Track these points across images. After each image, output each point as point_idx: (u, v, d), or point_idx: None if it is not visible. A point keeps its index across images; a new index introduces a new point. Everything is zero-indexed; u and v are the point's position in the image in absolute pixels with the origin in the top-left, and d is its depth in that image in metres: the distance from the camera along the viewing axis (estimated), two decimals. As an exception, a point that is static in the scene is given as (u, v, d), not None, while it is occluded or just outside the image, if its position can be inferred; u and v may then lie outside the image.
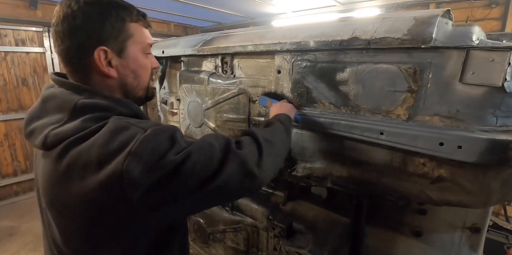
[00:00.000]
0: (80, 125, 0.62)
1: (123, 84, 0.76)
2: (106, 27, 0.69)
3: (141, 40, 0.77)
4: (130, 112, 0.71)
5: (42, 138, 0.64)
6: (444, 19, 0.81)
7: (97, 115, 0.65)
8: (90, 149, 0.59)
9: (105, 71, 0.71)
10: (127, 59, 0.75)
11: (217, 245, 1.75)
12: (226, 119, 1.39)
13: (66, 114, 0.65)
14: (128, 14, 0.73)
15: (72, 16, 0.67)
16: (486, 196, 0.82)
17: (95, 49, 0.68)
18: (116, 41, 0.71)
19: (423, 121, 0.83)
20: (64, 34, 0.68)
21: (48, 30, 3.97)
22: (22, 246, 2.99)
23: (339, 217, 1.33)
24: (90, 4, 0.68)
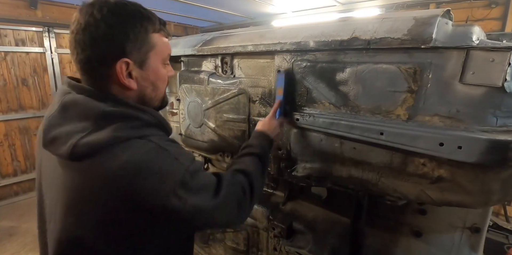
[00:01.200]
0: (112, 136, 0.62)
1: (141, 95, 0.75)
2: (129, 38, 0.67)
3: (162, 51, 0.75)
4: (155, 121, 0.72)
5: (70, 147, 0.61)
6: (444, 19, 0.81)
7: (125, 124, 0.65)
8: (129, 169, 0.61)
9: (125, 83, 0.69)
10: (148, 71, 0.73)
11: (217, 245, 1.75)
12: (226, 120, 1.39)
13: (91, 123, 0.64)
14: (151, 24, 0.71)
15: (94, 25, 0.64)
16: (486, 196, 0.82)
17: (117, 61, 0.67)
18: (138, 52, 0.70)
19: (423, 122, 0.83)
20: (85, 43, 0.65)
21: (48, 30, 3.97)
22: (22, 246, 2.99)
23: (339, 217, 1.33)
24: (114, 13, 0.65)
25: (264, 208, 1.47)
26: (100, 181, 0.61)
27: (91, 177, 0.61)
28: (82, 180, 0.62)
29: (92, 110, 0.65)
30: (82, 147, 0.61)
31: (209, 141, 1.51)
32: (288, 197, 1.49)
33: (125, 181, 0.60)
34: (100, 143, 0.61)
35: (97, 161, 0.61)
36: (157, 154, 0.65)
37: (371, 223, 1.19)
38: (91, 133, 0.62)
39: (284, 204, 1.48)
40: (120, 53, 0.67)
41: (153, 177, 0.61)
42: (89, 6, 0.66)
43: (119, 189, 0.60)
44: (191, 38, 1.64)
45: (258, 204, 1.50)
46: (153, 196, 0.61)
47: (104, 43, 0.66)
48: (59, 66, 4.17)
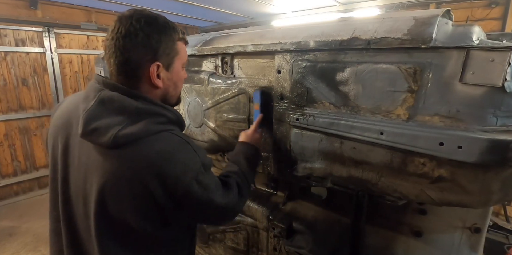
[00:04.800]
0: (146, 128, 0.76)
1: (165, 93, 0.89)
2: (161, 45, 0.81)
3: (183, 56, 0.91)
4: (176, 119, 0.87)
5: (111, 137, 0.73)
6: (444, 19, 0.81)
7: (155, 119, 0.79)
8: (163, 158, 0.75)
9: (155, 83, 0.83)
10: (172, 73, 0.88)
11: (217, 245, 1.75)
12: (226, 119, 1.39)
13: (126, 117, 0.77)
14: (177, 34, 0.86)
15: (134, 33, 0.77)
16: (486, 196, 0.82)
17: (151, 64, 0.81)
18: (167, 57, 0.84)
19: (423, 121, 0.83)
20: (125, 48, 0.77)
21: (48, 30, 3.97)
22: (22, 246, 2.99)
23: (339, 217, 1.33)
24: (150, 24, 0.79)
25: (264, 208, 1.47)
26: (140, 165, 0.74)
27: (132, 162, 0.74)
28: (123, 164, 0.75)
29: (127, 106, 0.78)
30: (122, 137, 0.73)
31: (209, 140, 1.51)
32: (288, 197, 1.49)
33: (159, 165, 0.74)
34: (137, 134, 0.75)
35: (136, 149, 0.74)
36: (182, 146, 0.79)
37: (371, 223, 1.19)
38: (127, 126, 0.75)
39: (284, 204, 1.48)
40: (153, 57, 0.81)
41: (179, 165, 0.76)
42: (127, 16, 0.79)
43: (155, 171, 0.73)
44: (191, 38, 1.64)
45: (258, 204, 1.50)
46: (180, 181, 0.75)
47: (142, 49, 0.79)
48: (59, 66, 4.17)
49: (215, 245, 1.76)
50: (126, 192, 0.75)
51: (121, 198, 0.76)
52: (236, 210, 0.95)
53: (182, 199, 0.76)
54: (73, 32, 4.27)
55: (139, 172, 0.73)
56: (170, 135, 0.80)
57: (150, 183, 0.73)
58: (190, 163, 0.78)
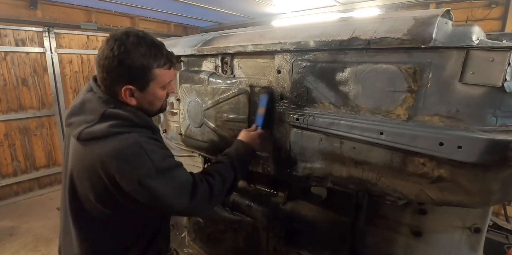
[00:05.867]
0: (107, 130, 0.87)
1: (139, 108, 0.98)
2: (135, 72, 0.90)
3: (162, 81, 0.97)
4: (142, 123, 0.95)
5: (78, 132, 0.88)
6: (444, 19, 0.81)
7: (118, 122, 0.89)
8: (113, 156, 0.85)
9: (126, 101, 0.94)
10: (146, 94, 0.96)
11: (217, 245, 1.75)
12: (226, 119, 1.39)
13: (96, 117, 0.89)
14: (157, 61, 0.92)
15: (111, 58, 0.86)
16: (486, 196, 0.82)
17: (123, 86, 0.91)
18: (141, 82, 0.93)
19: (423, 121, 0.83)
20: (103, 68, 0.89)
21: (48, 30, 3.97)
22: (22, 246, 2.99)
23: (339, 217, 1.33)
24: (127, 52, 0.87)
25: (264, 208, 1.47)
26: (95, 160, 0.86)
27: (91, 157, 0.87)
28: (84, 156, 0.90)
29: (99, 109, 0.90)
30: (86, 134, 0.88)
31: (209, 140, 1.51)
32: (288, 197, 1.49)
33: (109, 164, 0.84)
34: (98, 134, 0.87)
35: (95, 146, 0.87)
36: (133, 148, 0.86)
37: (371, 223, 1.19)
38: (94, 125, 0.88)
39: (284, 204, 1.48)
40: (126, 82, 0.91)
41: (127, 165, 0.84)
42: (113, 40, 0.87)
43: (106, 168, 0.84)
44: (191, 38, 1.64)
45: (258, 204, 1.50)
46: (125, 179, 0.84)
47: (116, 73, 0.89)
48: (59, 66, 4.17)
49: (215, 245, 1.76)
50: (86, 178, 0.90)
51: (84, 182, 0.91)
52: (196, 210, 1.01)
53: (129, 194, 0.86)
54: (73, 32, 4.27)
55: (95, 166, 0.86)
56: (128, 137, 0.88)
57: (103, 176, 0.86)
58: (138, 165, 0.85)
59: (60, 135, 4.33)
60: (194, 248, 1.89)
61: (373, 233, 1.22)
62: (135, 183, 0.84)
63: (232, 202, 1.62)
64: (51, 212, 3.63)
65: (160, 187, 0.86)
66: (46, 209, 3.74)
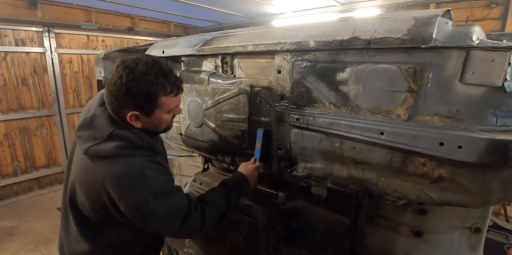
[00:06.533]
0: (112, 151, 0.92)
1: (145, 129, 1.02)
2: (141, 100, 0.93)
3: (168, 107, 1.00)
4: (146, 146, 0.99)
5: (85, 148, 0.94)
6: (444, 19, 0.81)
7: (123, 144, 0.94)
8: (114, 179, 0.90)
9: (132, 124, 0.98)
10: (152, 119, 1.00)
11: (217, 245, 1.75)
12: (226, 119, 1.39)
13: (104, 135, 0.94)
14: (163, 90, 0.94)
15: (119, 86, 0.90)
16: (486, 196, 0.82)
17: (129, 112, 0.95)
18: (147, 108, 0.96)
19: (423, 121, 0.83)
20: (112, 93, 0.93)
21: (48, 30, 3.97)
22: (22, 246, 2.99)
23: (339, 217, 1.33)
24: (134, 81, 0.90)
25: (264, 208, 1.47)
26: (99, 179, 0.92)
27: (95, 174, 0.93)
28: (88, 171, 0.95)
29: (107, 127, 0.96)
30: (92, 151, 0.94)
31: (209, 140, 1.51)
32: (288, 197, 1.48)
33: (110, 186, 0.90)
34: (104, 154, 0.93)
35: (99, 164, 0.93)
36: (135, 172, 0.91)
37: (371, 223, 1.19)
38: (101, 143, 0.93)
39: (284, 204, 1.48)
40: (132, 108, 0.94)
41: (126, 189, 0.90)
42: (123, 67, 0.91)
43: (106, 188, 0.90)
44: (191, 38, 1.64)
45: (258, 204, 1.50)
46: (122, 202, 0.90)
47: (123, 100, 0.93)
48: (59, 66, 4.17)
49: (215, 245, 1.76)
50: (87, 190, 0.95)
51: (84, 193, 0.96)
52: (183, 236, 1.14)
53: (125, 214, 0.91)
54: (73, 32, 4.27)
55: (97, 183, 0.91)
56: (131, 161, 0.93)
57: (103, 195, 0.91)
58: (136, 190, 0.90)
59: (60, 135, 4.33)
60: (194, 248, 1.89)
61: (373, 233, 1.22)
62: (131, 207, 0.89)
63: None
64: (51, 212, 3.63)
65: (153, 214, 0.92)
66: (46, 209, 3.74)
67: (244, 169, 1.27)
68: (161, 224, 0.95)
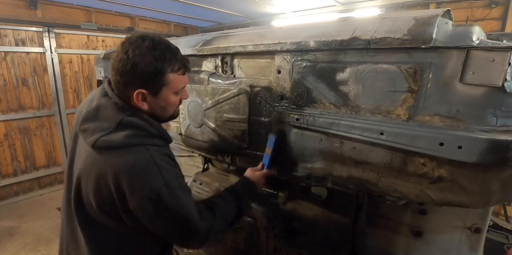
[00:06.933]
0: (123, 140, 0.86)
1: (151, 113, 0.96)
2: (148, 76, 0.88)
3: (176, 86, 0.95)
4: (158, 134, 0.95)
5: (93, 140, 0.87)
6: (444, 19, 0.81)
7: (134, 132, 0.88)
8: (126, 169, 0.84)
9: (138, 105, 0.92)
10: (159, 99, 0.94)
11: (217, 245, 1.75)
12: (226, 119, 1.39)
13: (113, 125, 0.88)
14: (171, 66, 0.91)
15: (125, 61, 0.86)
16: (486, 196, 0.82)
17: (136, 90, 0.89)
18: (154, 86, 0.91)
19: (423, 122, 0.83)
20: (117, 71, 0.89)
21: (48, 30, 3.97)
22: (22, 246, 2.99)
23: (339, 217, 1.33)
24: (141, 56, 0.86)
25: (264, 208, 1.47)
26: (107, 170, 0.85)
27: (104, 166, 0.86)
28: (97, 164, 0.88)
29: (115, 116, 0.89)
30: (101, 142, 0.86)
31: (209, 141, 1.51)
32: (288, 197, 1.49)
33: (122, 177, 0.83)
34: (114, 144, 0.86)
35: (110, 155, 0.86)
36: (148, 164, 0.86)
37: (371, 223, 1.19)
38: (110, 134, 0.87)
39: (284, 204, 1.48)
40: (139, 85, 0.89)
41: (139, 180, 0.83)
42: (128, 43, 0.87)
43: (117, 181, 0.84)
44: (191, 38, 1.64)
45: (258, 204, 1.50)
46: (134, 194, 0.83)
47: (129, 76, 0.88)
48: (59, 66, 4.17)
49: (215, 245, 1.76)
50: (94, 185, 0.88)
51: (90, 189, 0.90)
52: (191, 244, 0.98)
53: (135, 210, 0.85)
54: (73, 32, 4.27)
55: (107, 176, 0.85)
56: (143, 151, 0.87)
57: (112, 188, 0.84)
58: (149, 181, 0.84)
59: (60, 135, 4.33)
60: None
61: (373, 233, 1.22)
62: (143, 198, 0.83)
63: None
64: (51, 212, 3.63)
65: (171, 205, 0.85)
66: (46, 209, 3.74)
67: (251, 174, 1.22)
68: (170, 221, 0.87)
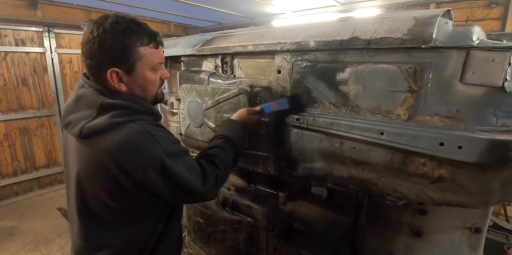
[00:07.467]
0: (109, 121, 0.82)
1: (131, 94, 0.91)
2: (117, 52, 0.84)
3: (150, 61, 0.90)
4: (144, 109, 0.90)
5: (78, 129, 0.83)
6: (444, 19, 0.81)
7: (119, 112, 0.84)
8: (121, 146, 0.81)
9: (115, 87, 0.88)
10: (136, 77, 0.90)
11: (217, 245, 1.75)
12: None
13: (94, 111, 0.84)
14: (140, 39, 0.86)
15: (92, 41, 0.82)
16: (486, 196, 0.82)
17: (108, 70, 0.85)
18: (127, 63, 0.86)
19: (423, 121, 0.83)
20: (86, 54, 0.85)
21: (48, 30, 3.96)
22: (22, 246, 2.99)
23: (339, 217, 1.33)
24: (106, 32, 0.82)
25: (264, 208, 1.47)
26: (102, 154, 0.82)
27: (96, 151, 0.83)
28: (89, 153, 0.84)
29: (95, 101, 0.85)
30: (87, 129, 0.82)
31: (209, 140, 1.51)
32: (288, 197, 1.49)
33: (119, 154, 0.81)
34: (100, 127, 0.82)
35: (99, 140, 0.82)
36: (142, 135, 0.83)
37: (371, 223, 1.19)
38: (94, 119, 0.83)
39: (284, 204, 1.48)
40: (110, 64, 0.85)
41: (138, 154, 0.81)
42: (92, 24, 0.84)
43: (116, 160, 0.81)
44: (191, 38, 1.64)
45: (258, 204, 1.50)
46: (138, 168, 0.81)
47: (98, 56, 0.84)
48: (59, 66, 4.17)
49: (215, 245, 1.76)
50: (95, 176, 0.86)
51: (92, 181, 0.87)
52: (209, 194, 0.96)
53: (143, 183, 0.83)
54: (73, 32, 4.26)
55: (103, 160, 0.82)
56: (133, 126, 0.83)
57: (112, 169, 0.81)
58: (149, 151, 0.82)
59: (60, 134, 4.33)
60: (194, 248, 1.89)
61: (373, 233, 1.22)
62: (150, 170, 0.81)
63: (232, 202, 1.62)
64: (51, 212, 3.63)
65: (174, 170, 0.85)
66: (46, 209, 3.74)
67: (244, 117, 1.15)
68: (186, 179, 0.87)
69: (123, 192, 0.85)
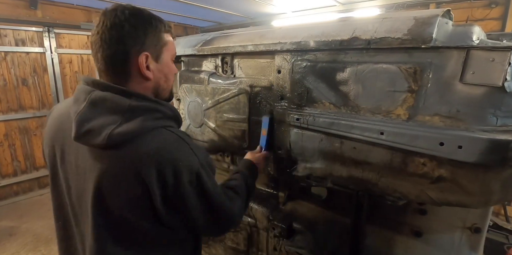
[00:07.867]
0: (142, 125, 0.74)
1: (156, 86, 0.87)
2: (148, 35, 0.80)
3: (172, 48, 0.88)
4: (172, 114, 0.85)
5: (105, 137, 0.71)
6: (444, 19, 0.81)
7: (150, 116, 0.77)
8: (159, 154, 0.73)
9: (145, 74, 0.81)
10: (162, 65, 0.86)
11: (217, 245, 1.75)
12: (226, 119, 1.39)
13: (120, 116, 0.74)
14: (162, 25, 0.84)
15: (120, 25, 0.75)
16: (486, 196, 0.82)
17: (139, 55, 0.78)
18: (155, 48, 0.82)
19: (423, 121, 0.83)
20: (111, 41, 0.76)
21: (48, 30, 3.96)
22: (22, 246, 2.99)
23: (339, 217, 1.33)
24: (135, 15, 0.78)
25: (264, 208, 1.47)
26: (138, 162, 0.72)
27: (130, 159, 0.73)
28: (120, 162, 0.73)
29: (120, 105, 0.75)
30: (117, 136, 0.71)
31: (209, 140, 1.51)
32: (288, 197, 1.49)
33: (158, 163, 0.72)
34: (132, 132, 0.73)
35: (132, 147, 0.73)
36: (179, 143, 0.78)
37: (371, 223, 1.19)
38: (122, 124, 0.73)
39: (284, 204, 1.48)
40: (141, 48, 0.79)
41: (176, 162, 0.74)
42: (112, 10, 0.77)
43: (154, 168, 0.71)
44: (191, 38, 1.64)
45: (258, 204, 1.50)
46: (176, 181, 0.74)
47: (129, 40, 0.77)
48: (59, 66, 4.17)
49: (215, 245, 1.76)
50: (124, 189, 0.74)
51: (118, 195, 0.75)
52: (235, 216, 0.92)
53: (173, 194, 0.75)
54: (73, 32, 4.26)
55: (137, 169, 0.72)
56: (167, 132, 0.78)
57: (146, 179, 0.71)
58: (186, 161, 0.75)
59: (60, 135, 4.33)
60: (194, 248, 1.89)
61: (373, 233, 1.22)
62: (185, 182, 0.75)
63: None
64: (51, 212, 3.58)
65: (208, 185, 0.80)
66: (46, 209, 3.73)
67: (252, 157, 1.19)
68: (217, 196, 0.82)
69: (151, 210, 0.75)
